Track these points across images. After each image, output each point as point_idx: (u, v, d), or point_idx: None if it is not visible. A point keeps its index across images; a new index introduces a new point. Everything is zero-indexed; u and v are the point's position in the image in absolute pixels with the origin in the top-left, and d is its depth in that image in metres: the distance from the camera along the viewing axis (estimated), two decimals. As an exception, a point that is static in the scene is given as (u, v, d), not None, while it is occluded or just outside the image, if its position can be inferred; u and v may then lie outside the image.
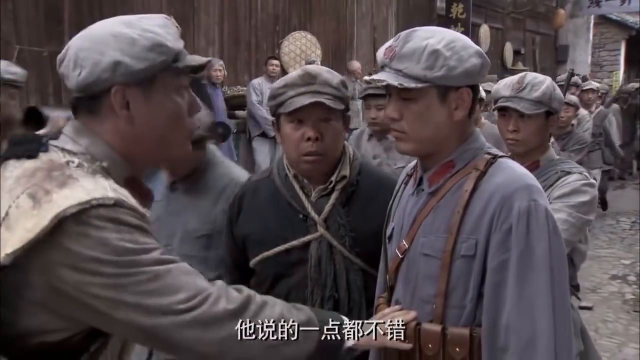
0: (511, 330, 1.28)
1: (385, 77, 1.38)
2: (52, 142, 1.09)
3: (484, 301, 1.33)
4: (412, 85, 1.35)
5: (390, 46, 1.41)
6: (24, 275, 0.97)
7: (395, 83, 1.36)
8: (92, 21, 1.14)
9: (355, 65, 8.34)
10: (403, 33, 1.41)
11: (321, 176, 1.80)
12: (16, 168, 1.04)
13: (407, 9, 10.53)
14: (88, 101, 1.11)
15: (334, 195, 1.78)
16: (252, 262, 1.85)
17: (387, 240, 1.59)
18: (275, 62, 7.47)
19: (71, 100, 1.14)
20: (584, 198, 2.06)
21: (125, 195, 1.04)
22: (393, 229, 1.55)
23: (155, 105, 1.12)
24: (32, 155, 1.05)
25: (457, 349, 1.34)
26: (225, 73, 6.99)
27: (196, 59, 1.18)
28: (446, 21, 10.35)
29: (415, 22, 8.76)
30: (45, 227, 0.93)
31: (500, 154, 1.44)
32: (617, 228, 7.72)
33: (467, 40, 1.41)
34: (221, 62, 6.97)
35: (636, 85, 10.84)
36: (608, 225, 7.82)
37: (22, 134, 1.13)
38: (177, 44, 1.14)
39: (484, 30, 12.40)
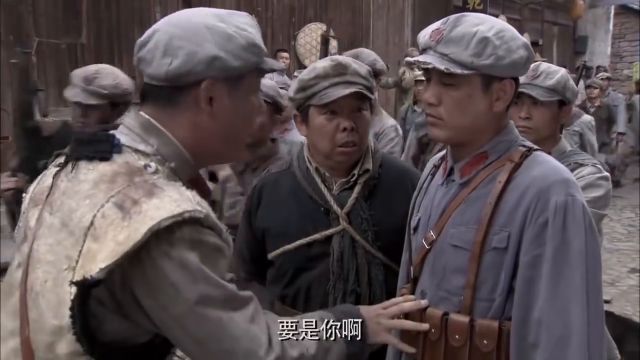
0: (543, 326, 1.26)
1: (431, 60, 1.35)
2: (122, 141, 1.05)
3: (515, 295, 1.31)
4: (459, 71, 1.32)
5: (437, 29, 1.37)
6: (107, 287, 0.95)
7: (442, 67, 1.32)
8: (109, 14, 1.14)
9: (371, 57, 8.30)
10: (452, 17, 1.38)
11: (344, 169, 1.79)
12: (90, 170, 1.01)
13: (423, 1, 10.45)
14: (170, 91, 1.07)
15: (356, 189, 1.77)
16: (272, 255, 1.84)
17: (411, 232, 1.57)
18: (285, 54, 7.39)
19: (144, 87, 1.10)
20: (599, 192, 2.05)
21: (207, 207, 1.01)
22: (419, 219, 1.52)
23: (236, 104, 1.11)
24: (105, 157, 1.02)
25: (484, 341, 1.32)
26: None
27: (274, 63, 1.18)
28: (463, 12, 10.26)
29: (432, 13, 8.70)
30: (139, 240, 0.90)
31: (535, 146, 1.42)
32: (636, 221, 7.62)
33: (515, 31, 1.38)
34: None
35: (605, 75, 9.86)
36: (627, 218, 7.73)
37: (90, 132, 1.09)
38: (263, 45, 1.14)
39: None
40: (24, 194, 1.14)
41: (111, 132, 1.08)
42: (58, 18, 5.77)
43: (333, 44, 8.67)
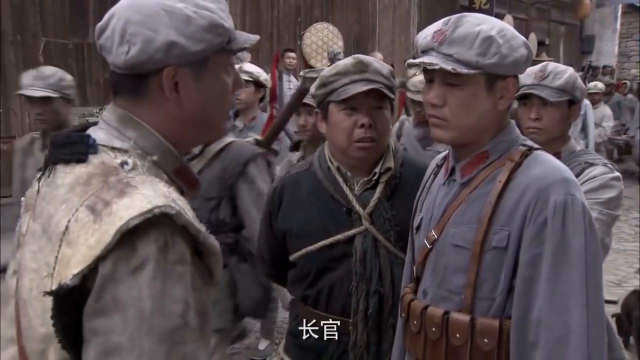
0: (542, 325, 1.26)
1: (436, 60, 1.34)
2: (98, 140, 1.00)
3: (515, 295, 1.31)
4: (465, 71, 1.32)
5: (439, 29, 1.37)
6: (86, 295, 0.88)
7: (449, 68, 1.32)
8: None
9: (378, 56, 8.29)
10: (453, 17, 1.38)
11: (365, 168, 1.79)
12: (67, 174, 0.97)
13: (429, 0, 10.43)
14: (133, 80, 1.01)
15: (379, 189, 1.77)
16: (294, 257, 1.83)
17: (414, 231, 1.57)
18: (292, 54, 7.37)
19: (112, 78, 1.04)
20: (613, 193, 2.02)
21: (184, 205, 0.94)
22: (421, 219, 1.53)
23: (204, 86, 1.03)
24: (81, 159, 0.97)
25: (485, 340, 1.32)
26: (249, 65, 6.96)
27: (246, 39, 1.10)
28: (469, 12, 10.22)
29: (438, 13, 8.68)
30: (109, 243, 0.85)
31: (536, 146, 1.42)
32: (643, 221, 7.59)
33: (513, 30, 1.39)
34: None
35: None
36: (634, 219, 7.68)
37: (64, 134, 1.03)
38: (230, 22, 1.06)
39: (508, 20, 12.24)
40: (22, 198, 1.11)
41: (89, 129, 1.04)
42: (65, 18, 5.80)
43: (339, 43, 8.68)
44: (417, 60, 1.40)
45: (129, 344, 0.85)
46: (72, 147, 0.99)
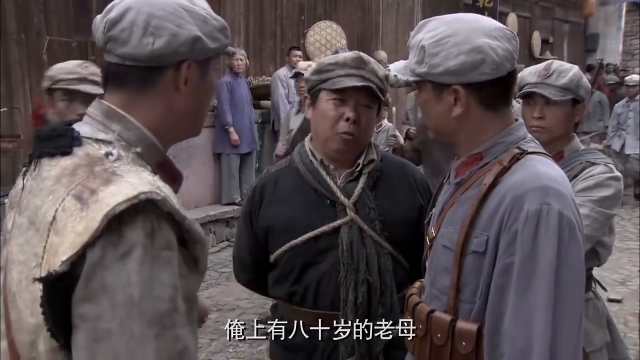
0: (507, 336, 1.22)
1: (396, 65, 1.44)
2: (82, 133, 1.02)
3: (488, 303, 1.27)
4: (404, 78, 1.40)
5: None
6: (75, 282, 0.89)
7: (392, 74, 1.42)
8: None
9: (381, 55, 8.27)
10: (420, 22, 1.42)
11: (346, 161, 1.82)
12: (53, 167, 0.99)
13: (433, -2, 10.42)
14: (145, 72, 1.05)
15: (362, 180, 1.80)
16: (277, 254, 1.82)
17: (426, 227, 1.57)
18: (299, 52, 7.40)
19: (113, 70, 1.06)
20: (608, 192, 2.01)
21: (168, 192, 0.96)
22: (431, 216, 1.53)
23: (204, 85, 1.11)
24: (66, 152, 0.99)
25: (463, 343, 1.30)
26: (247, 62, 6.99)
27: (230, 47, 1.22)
28: (473, 10, 10.18)
29: (442, 11, 8.67)
30: (96, 229, 0.87)
31: (532, 149, 1.35)
32: (647, 220, 7.57)
33: (471, 33, 1.31)
34: (243, 52, 6.94)
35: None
36: (637, 217, 7.67)
37: (49, 127, 1.05)
38: None
39: (512, 19, 12.22)
40: (6, 200, 1.13)
41: (74, 124, 1.06)
42: (69, 16, 5.81)
43: (342, 42, 8.67)
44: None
45: (118, 329, 0.87)
46: (57, 140, 1.01)
